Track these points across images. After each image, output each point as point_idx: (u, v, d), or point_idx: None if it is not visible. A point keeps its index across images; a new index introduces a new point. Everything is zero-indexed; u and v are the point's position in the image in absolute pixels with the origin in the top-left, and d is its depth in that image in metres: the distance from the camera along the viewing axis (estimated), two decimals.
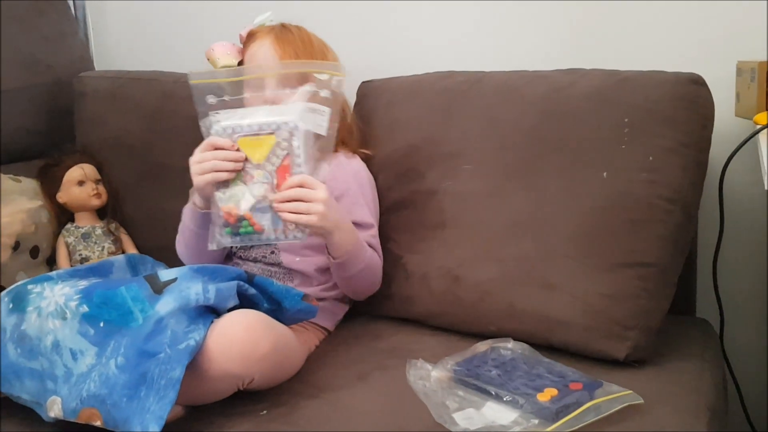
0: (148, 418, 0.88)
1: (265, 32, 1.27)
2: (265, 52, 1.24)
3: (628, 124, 1.11)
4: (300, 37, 1.26)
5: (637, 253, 1.08)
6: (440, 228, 1.24)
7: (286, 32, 1.26)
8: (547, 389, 0.92)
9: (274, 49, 1.24)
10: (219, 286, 0.99)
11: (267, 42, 1.25)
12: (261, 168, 1.07)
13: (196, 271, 1.00)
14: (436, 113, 1.30)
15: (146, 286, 0.98)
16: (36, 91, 1.60)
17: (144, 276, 1.00)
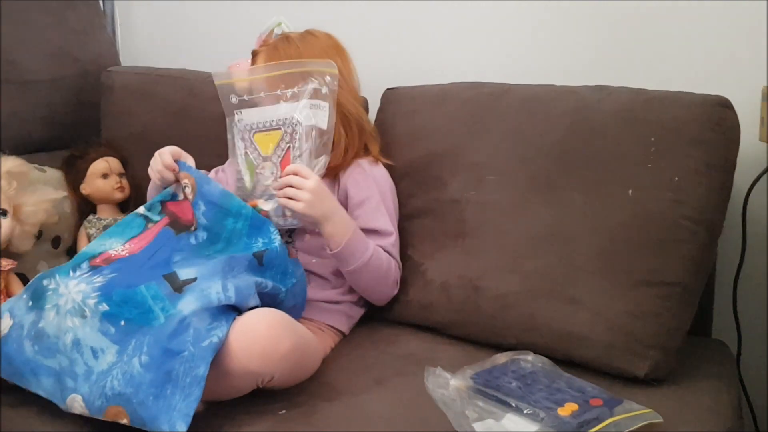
0: (175, 416, 0.89)
1: (261, 54, 1.29)
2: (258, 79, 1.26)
3: (654, 144, 1.11)
4: (288, 55, 1.26)
5: (660, 272, 1.08)
6: (461, 237, 1.25)
7: (276, 53, 1.27)
8: (567, 404, 0.92)
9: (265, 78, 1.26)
10: (238, 285, 1.00)
11: (259, 62, 1.28)
12: (269, 160, 1.17)
13: (213, 267, 1.01)
14: (461, 123, 1.30)
15: (165, 285, 0.99)
16: (63, 84, 1.62)
17: (163, 275, 1.01)
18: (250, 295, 1.02)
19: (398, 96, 1.42)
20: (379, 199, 1.28)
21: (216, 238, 1.10)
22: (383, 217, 1.27)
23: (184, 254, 1.06)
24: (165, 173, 1.17)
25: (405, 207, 1.33)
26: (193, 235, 1.10)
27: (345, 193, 1.28)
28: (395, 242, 1.28)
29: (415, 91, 1.40)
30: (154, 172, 1.19)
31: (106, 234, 1.11)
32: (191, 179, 1.12)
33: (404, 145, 1.35)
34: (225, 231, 1.10)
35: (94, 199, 1.47)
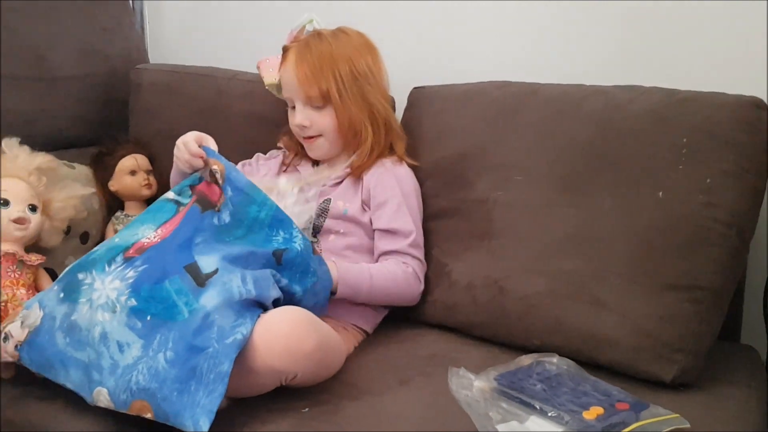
0: (199, 412, 0.90)
1: (292, 50, 1.29)
2: (289, 75, 1.28)
3: (686, 145, 1.10)
4: (320, 52, 1.26)
5: (690, 276, 1.06)
6: (487, 238, 1.24)
7: (307, 50, 1.27)
8: (593, 407, 0.91)
9: (295, 72, 1.26)
10: (256, 276, 1.01)
11: (291, 63, 1.27)
12: None
13: (231, 261, 1.01)
14: (489, 123, 1.29)
15: (188, 278, 0.98)
16: (92, 81, 1.64)
17: (185, 266, 1.00)
18: (269, 285, 1.03)
19: (425, 95, 1.41)
20: (401, 199, 1.27)
21: (238, 224, 1.09)
22: (404, 217, 1.27)
23: (205, 235, 1.05)
24: (194, 161, 1.17)
25: (430, 207, 1.32)
26: (217, 216, 1.08)
27: (368, 192, 1.28)
28: (414, 242, 1.26)
29: (442, 90, 1.40)
30: (183, 162, 1.18)
31: (138, 221, 1.10)
32: (220, 165, 1.12)
33: (431, 145, 1.34)
34: (248, 218, 1.09)
35: (122, 196, 1.49)
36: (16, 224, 1.20)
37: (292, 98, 1.29)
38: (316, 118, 1.28)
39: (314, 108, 1.27)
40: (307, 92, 1.26)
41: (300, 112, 1.28)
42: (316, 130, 1.29)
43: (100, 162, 1.49)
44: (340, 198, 1.29)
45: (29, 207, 1.23)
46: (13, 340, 1.02)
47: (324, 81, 1.24)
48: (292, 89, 1.28)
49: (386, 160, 1.30)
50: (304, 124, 1.28)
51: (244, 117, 1.51)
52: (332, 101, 1.26)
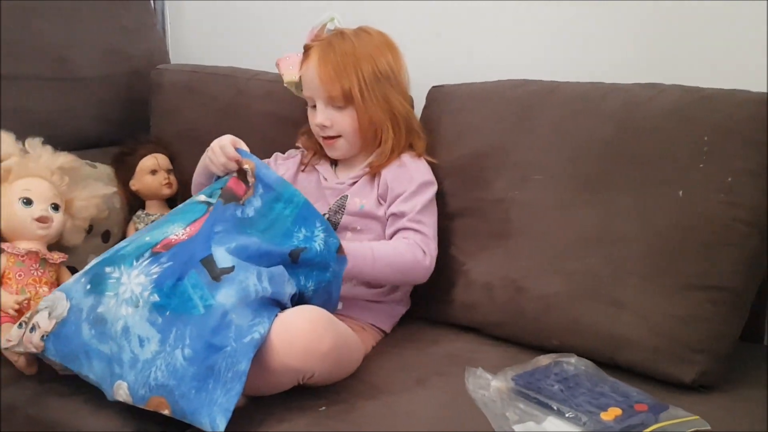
0: (216, 410, 0.90)
1: (315, 48, 1.28)
2: (311, 74, 1.27)
3: (707, 143, 1.08)
4: (343, 51, 1.25)
5: (710, 276, 1.05)
6: (505, 237, 1.23)
7: (330, 49, 1.26)
8: (611, 408, 0.91)
9: (317, 71, 1.25)
10: (271, 273, 1.01)
11: (313, 62, 1.27)
12: None
13: (246, 259, 1.01)
14: (507, 121, 1.29)
15: (204, 272, 0.99)
16: (114, 81, 1.66)
17: (201, 260, 1.00)
18: (284, 281, 1.03)
19: (444, 94, 1.41)
20: (415, 188, 1.26)
21: (262, 219, 1.09)
22: (412, 202, 1.25)
23: (226, 225, 1.06)
24: (230, 165, 1.16)
25: (448, 206, 1.32)
26: (240, 209, 1.09)
27: (386, 186, 1.27)
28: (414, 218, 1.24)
29: (460, 88, 1.39)
30: (218, 165, 1.17)
31: (169, 221, 1.11)
32: (251, 164, 1.13)
33: (449, 144, 1.34)
34: (272, 213, 1.09)
35: (143, 195, 1.50)
36: (39, 223, 1.22)
37: (313, 97, 1.28)
38: (337, 118, 1.27)
39: (335, 108, 1.27)
40: (330, 92, 1.25)
41: (321, 112, 1.27)
42: (336, 130, 1.28)
43: (122, 161, 1.51)
44: (357, 195, 1.29)
45: (52, 206, 1.25)
46: (40, 331, 1.03)
47: (347, 81, 1.24)
48: (313, 88, 1.27)
49: (405, 156, 1.30)
50: (324, 124, 1.28)
51: (264, 117, 1.52)
52: (354, 102, 1.25)
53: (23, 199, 1.22)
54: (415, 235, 1.23)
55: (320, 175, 1.35)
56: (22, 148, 1.27)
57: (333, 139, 1.30)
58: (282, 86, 1.37)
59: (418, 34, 1.54)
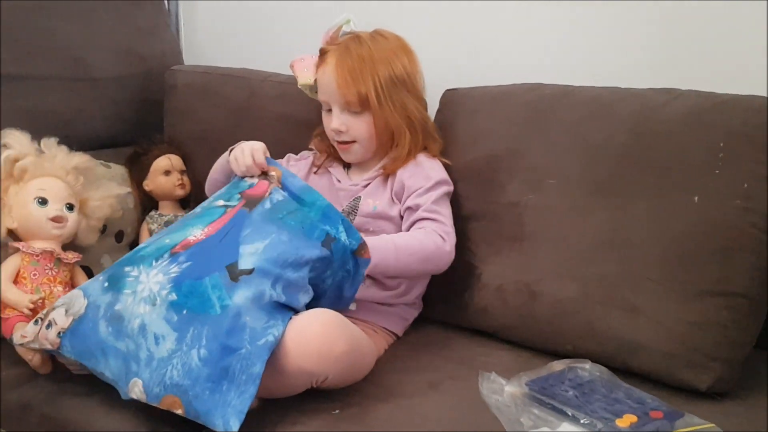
0: (230, 412, 0.91)
1: (331, 52, 1.27)
2: (328, 78, 1.26)
3: (723, 149, 1.08)
4: (360, 56, 1.25)
5: (726, 282, 1.05)
6: (519, 241, 1.23)
7: (347, 54, 1.25)
8: (626, 415, 0.90)
9: (334, 76, 1.25)
10: (288, 281, 1.01)
11: (330, 66, 1.26)
12: None
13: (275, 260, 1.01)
14: (521, 125, 1.28)
15: (226, 275, 0.99)
16: (129, 82, 1.66)
17: (227, 266, 1.00)
18: (299, 292, 1.03)
19: (458, 97, 1.41)
20: (431, 185, 1.25)
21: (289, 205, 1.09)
22: (425, 196, 1.24)
23: (255, 224, 1.06)
24: (254, 170, 1.16)
25: (462, 209, 1.32)
26: (268, 200, 1.09)
27: (401, 184, 1.27)
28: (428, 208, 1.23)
29: (474, 92, 1.39)
30: (242, 166, 1.16)
31: (188, 223, 1.11)
32: (278, 172, 1.13)
33: (463, 147, 1.34)
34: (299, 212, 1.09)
35: (156, 196, 1.51)
36: (54, 222, 1.23)
37: (329, 102, 1.28)
38: (352, 123, 1.27)
39: (351, 113, 1.26)
40: (346, 97, 1.24)
41: (337, 116, 1.27)
42: (352, 136, 1.28)
43: (136, 162, 1.51)
44: (370, 196, 1.29)
45: (67, 206, 1.25)
46: (56, 328, 1.04)
47: (363, 86, 1.23)
48: (330, 93, 1.26)
49: (420, 156, 1.29)
50: (340, 129, 1.27)
51: (277, 118, 1.52)
52: (371, 107, 1.24)
53: (38, 199, 1.23)
54: (432, 224, 1.22)
55: (333, 177, 1.35)
56: (37, 148, 1.27)
57: (348, 144, 1.29)
58: (295, 88, 1.37)
59: (432, 37, 1.53)
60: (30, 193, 1.23)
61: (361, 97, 1.24)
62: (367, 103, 1.24)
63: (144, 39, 1.71)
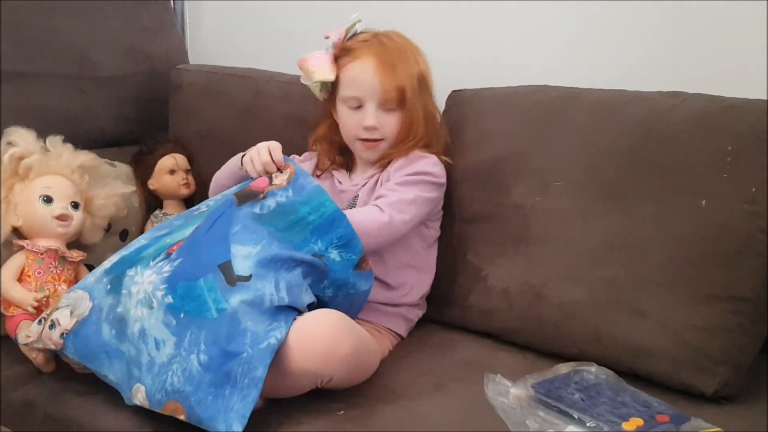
0: (232, 417, 0.90)
1: (364, 50, 1.24)
2: (366, 73, 1.23)
3: (731, 153, 1.08)
4: (398, 51, 1.24)
5: (733, 286, 1.04)
6: (525, 243, 1.23)
7: (386, 49, 1.24)
8: (632, 419, 0.90)
9: (377, 71, 1.22)
10: (290, 282, 1.00)
11: (368, 62, 1.23)
12: None
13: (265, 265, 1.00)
14: (528, 127, 1.28)
15: (220, 276, 0.98)
16: (134, 81, 1.66)
17: (219, 265, 1.00)
18: (301, 292, 1.02)
19: (464, 98, 1.40)
20: (407, 173, 1.23)
21: (282, 216, 1.07)
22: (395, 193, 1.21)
23: (244, 222, 1.04)
24: (271, 166, 1.14)
25: (467, 210, 1.31)
26: (259, 204, 1.07)
27: (387, 176, 1.26)
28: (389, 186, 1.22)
29: (481, 93, 1.39)
30: (258, 165, 1.14)
31: (190, 223, 1.10)
32: (292, 169, 1.12)
33: (469, 148, 1.33)
34: (295, 214, 1.07)
35: (161, 195, 1.50)
36: (59, 221, 1.23)
37: (364, 98, 1.24)
38: (384, 120, 1.24)
39: (385, 111, 1.24)
40: (388, 93, 1.22)
41: (372, 113, 1.24)
42: (382, 133, 1.25)
43: (141, 161, 1.51)
44: (366, 195, 1.28)
45: (72, 204, 1.25)
46: (60, 328, 1.04)
47: (402, 81, 1.22)
48: (367, 88, 1.23)
49: (417, 151, 1.27)
50: (375, 126, 1.24)
51: (282, 118, 1.52)
52: (405, 103, 1.23)
53: (43, 197, 1.22)
54: (381, 200, 1.20)
55: (335, 180, 1.34)
56: (42, 146, 1.27)
57: (376, 142, 1.27)
58: (300, 88, 1.35)
59: (439, 38, 1.53)
60: (35, 191, 1.23)
61: (399, 93, 1.22)
62: (402, 100, 1.23)
63: (149, 38, 1.71)
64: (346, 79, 1.26)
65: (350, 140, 1.30)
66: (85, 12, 1.59)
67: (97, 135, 1.57)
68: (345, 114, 1.28)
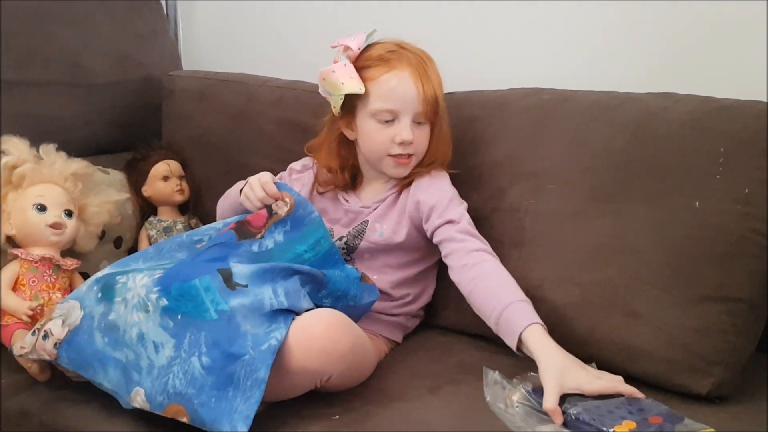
0: (236, 418, 0.90)
1: (400, 59, 1.20)
2: (406, 85, 1.19)
3: (723, 154, 1.08)
4: (427, 61, 1.22)
5: (726, 287, 1.05)
6: (519, 247, 1.23)
7: (423, 63, 1.21)
8: (625, 422, 0.90)
9: (417, 85, 1.18)
10: (287, 288, 1.00)
11: (407, 75, 1.19)
12: None
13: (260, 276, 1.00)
14: (521, 130, 1.28)
15: (219, 278, 0.98)
16: (127, 87, 1.66)
17: (218, 269, 1.00)
18: (300, 297, 1.02)
19: (456, 102, 1.40)
20: (449, 197, 1.22)
21: (279, 255, 1.08)
22: (456, 208, 1.21)
23: (241, 258, 1.05)
24: (268, 201, 1.14)
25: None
26: (258, 243, 1.08)
27: (416, 201, 1.22)
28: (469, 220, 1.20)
29: (473, 96, 1.39)
30: (254, 200, 1.15)
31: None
32: (292, 200, 1.12)
33: (462, 152, 1.33)
34: (291, 252, 1.09)
35: (155, 201, 1.50)
36: (53, 229, 1.22)
37: (400, 111, 1.19)
38: (417, 135, 1.21)
39: (416, 124, 1.21)
40: (427, 105, 1.19)
41: (407, 126, 1.19)
42: (415, 148, 1.22)
43: (134, 167, 1.51)
44: (377, 220, 1.26)
45: (65, 212, 1.25)
46: (53, 338, 1.04)
47: (438, 92, 1.20)
48: (406, 101, 1.18)
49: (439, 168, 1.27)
50: (412, 140, 1.19)
51: (275, 123, 1.52)
52: (437, 117, 1.22)
53: (37, 206, 1.22)
54: (475, 242, 1.17)
55: (340, 197, 1.31)
56: (36, 154, 1.27)
57: (409, 158, 1.22)
58: (292, 92, 1.35)
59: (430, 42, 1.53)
60: (28, 199, 1.22)
61: (435, 105, 1.20)
62: (436, 112, 1.21)
63: (142, 44, 1.71)
64: (379, 90, 1.19)
65: (378, 156, 1.23)
66: (77, 19, 1.59)
67: (90, 142, 1.57)
68: (374, 129, 1.21)
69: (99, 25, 1.62)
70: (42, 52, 1.51)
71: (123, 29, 1.67)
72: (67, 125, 1.53)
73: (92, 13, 1.61)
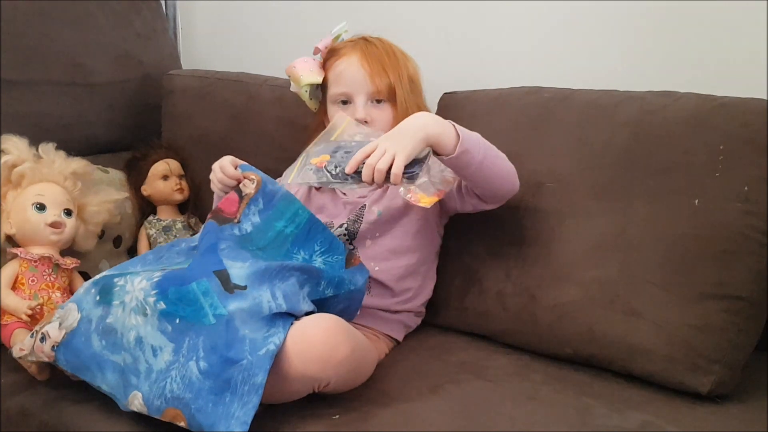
0: (234, 423, 0.90)
1: (350, 48, 1.28)
2: (353, 69, 1.25)
3: (723, 152, 1.08)
4: (384, 50, 1.27)
5: (727, 285, 1.05)
6: (518, 245, 1.23)
7: (371, 46, 1.27)
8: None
9: (363, 67, 1.25)
10: (285, 291, 1.00)
11: (354, 58, 1.26)
12: None
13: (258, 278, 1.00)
14: (521, 129, 1.28)
15: (216, 282, 0.98)
16: (127, 86, 1.66)
17: (214, 271, 1.00)
18: (299, 300, 1.02)
19: (456, 101, 1.40)
20: None
21: (261, 235, 1.09)
22: None
23: (228, 243, 1.06)
24: (227, 181, 1.17)
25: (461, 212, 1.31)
26: (237, 227, 1.09)
27: None
28: None
29: (473, 95, 1.39)
30: (217, 183, 1.19)
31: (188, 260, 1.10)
32: (258, 177, 1.13)
33: None
34: (272, 230, 1.10)
35: (155, 200, 1.50)
36: (52, 228, 1.22)
37: (352, 93, 1.25)
38: (375, 114, 1.25)
39: (374, 103, 1.25)
40: (377, 85, 1.23)
41: (361, 106, 1.25)
42: (373, 126, 1.24)
43: (134, 167, 1.51)
44: (375, 203, 1.27)
45: (65, 211, 1.25)
46: (50, 341, 1.03)
47: (392, 74, 1.24)
48: (355, 82, 1.25)
49: None
50: (366, 119, 1.24)
51: (275, 122, 1.52)
52: (396, 98, 1.25)
53: (36, 205, 1.22)
54: None
55: (338, 191, 1.32)
56: (35, 153, 1.27)
57: None
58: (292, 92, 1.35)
59: (431, 40, 1.54)
60: (28, 198, 1.22)
61: (389, 85, 1.24)
62: (393, 93, 1.24)
63: (142, 44, 1.70)
64: (333, 77, 1.28)
65: None
66: (77, 19, 1.58)
67: (89, 141, 1.57)
68: (336, 112, 1.27)
69: (99, 25, 1.62)
70: (42, 51, 1.50)
71: (123, 29, 1.66)
72: (66, 124, 1.53)
73: (92, 13, 1.61)
